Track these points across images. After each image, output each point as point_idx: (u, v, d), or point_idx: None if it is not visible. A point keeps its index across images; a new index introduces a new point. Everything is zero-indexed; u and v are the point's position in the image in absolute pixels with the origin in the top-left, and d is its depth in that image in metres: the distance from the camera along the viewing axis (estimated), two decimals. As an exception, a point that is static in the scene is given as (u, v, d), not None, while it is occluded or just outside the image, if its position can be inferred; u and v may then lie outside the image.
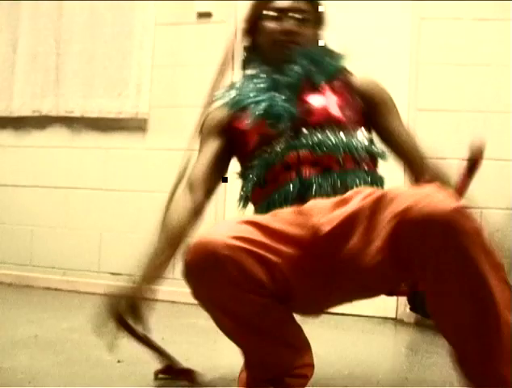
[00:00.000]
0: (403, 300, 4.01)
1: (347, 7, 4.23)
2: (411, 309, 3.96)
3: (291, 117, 2.13)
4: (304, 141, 2.09)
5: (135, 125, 4.54)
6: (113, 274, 4.50)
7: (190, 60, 4.50)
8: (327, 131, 2.10)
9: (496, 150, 3.85)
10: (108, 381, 2.22)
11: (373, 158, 2.19)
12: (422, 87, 4.13)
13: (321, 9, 2.33)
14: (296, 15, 2.24)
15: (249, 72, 2.34)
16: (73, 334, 3.00)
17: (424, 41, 4.13)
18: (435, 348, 3.25)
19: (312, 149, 2.07)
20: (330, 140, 2.08)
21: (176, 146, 4.45)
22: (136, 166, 4.56)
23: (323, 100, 2.17)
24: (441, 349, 3.25)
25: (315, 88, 2.20)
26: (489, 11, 4.02)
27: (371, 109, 2.27)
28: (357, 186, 2.03)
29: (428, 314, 1.86)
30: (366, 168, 2.12)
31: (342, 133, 2.11)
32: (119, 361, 2.49)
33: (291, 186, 2.04)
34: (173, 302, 4.18)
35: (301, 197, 2.01)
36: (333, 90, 2.21)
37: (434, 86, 4.12)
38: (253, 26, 2.32)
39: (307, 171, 2.05)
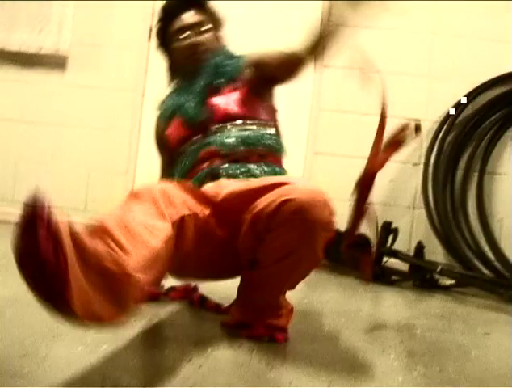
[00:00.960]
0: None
1: None
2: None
3: (199, 119, 2.51)
4: (212, 138, 2.46)
5: (55, 62, 4.67)
6: (27, 203, 4.67)
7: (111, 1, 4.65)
8: (229, 127, 2.49)
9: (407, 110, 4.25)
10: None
11: (276, 151, 2.56)
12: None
13: (214, 11, 2.71)
14: (193, 29, 2.61)
15: (172, 87, 2.74)
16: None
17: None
18: (329, 286, 3.61)
19: (219, 145, 2.45)
20: (231, 137, 2.46)
21: (94, 84, 4.64)
22: (55, 101, 4.70)
23: (223, 100, 2.54)
24: (336, 286, 3.62)
25: (218, 91, 2.57)
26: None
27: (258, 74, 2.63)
28: (259, 175, 2.40)
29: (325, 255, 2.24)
30: (268, 160, 2.48)
31: (244, 127, 2.50)
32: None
33: (204, 173, 2.42)
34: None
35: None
36: (235, 89, 2.58)
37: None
38: (164, 49, 2.72)
39: (216, 162, 2.42)
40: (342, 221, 4.20)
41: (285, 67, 2.55)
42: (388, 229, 3.97)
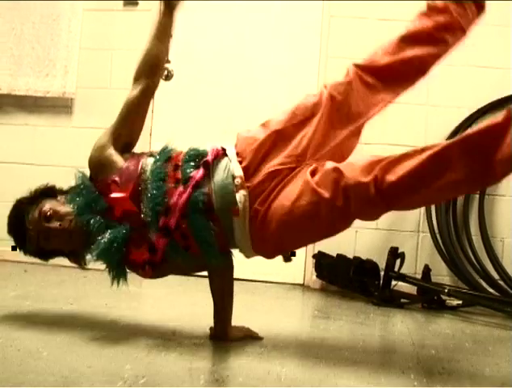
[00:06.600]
0: (310, 268, 4.48)
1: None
2: (317, 276, 4.42)
3: None
4: None
5: (62, 104, 4.81)
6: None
7: (116, 44, 4.80)
8: None
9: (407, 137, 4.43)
10: (81, 341, 2.53)
11: None
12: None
13: None
14: None
15: None
16: (25, 301, 3.27)
17: (332, 37, 4.59)
18: (342, 311, 3.72)
19: None
20: None
21: (101, 125, 4.75)
22: (63, 143, 4.83)
23: None
24: (348, 311, 3.72)
25: None
26: (391, 13, 4.50)
27: None
28: None
29: (332, 280, 2.33)
30: None
31: None
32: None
33: None
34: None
35: None
36: None
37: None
38: None
39: None
40: (349, 249, 4.37)
41: None
42: (395, 254, 4.08)
